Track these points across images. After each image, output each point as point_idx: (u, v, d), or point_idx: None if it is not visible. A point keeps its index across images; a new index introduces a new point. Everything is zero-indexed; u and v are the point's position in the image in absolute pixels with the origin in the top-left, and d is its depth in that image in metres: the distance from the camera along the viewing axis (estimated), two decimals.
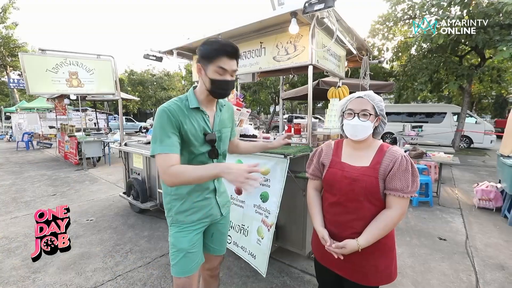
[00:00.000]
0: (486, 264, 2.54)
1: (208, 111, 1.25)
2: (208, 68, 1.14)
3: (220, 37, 2.62)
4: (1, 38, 17.79)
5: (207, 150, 1.23)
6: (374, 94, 1.19)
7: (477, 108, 19.32)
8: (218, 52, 1.11)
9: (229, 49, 1.12)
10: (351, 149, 1.23)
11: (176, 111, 1.13)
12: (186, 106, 1.18)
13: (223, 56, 1.11)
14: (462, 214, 3.79)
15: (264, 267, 1.96)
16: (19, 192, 4.80)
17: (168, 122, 1.11)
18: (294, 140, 2.43)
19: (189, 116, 1.18)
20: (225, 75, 1.15)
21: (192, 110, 1.19)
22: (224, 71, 1.13)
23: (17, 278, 2.29)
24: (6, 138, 14.62)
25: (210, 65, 1.13)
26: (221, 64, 1.12)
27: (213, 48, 1.11)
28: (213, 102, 1.28)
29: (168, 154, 1.07)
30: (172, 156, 1.08)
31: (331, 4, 1.62)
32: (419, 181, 1.12)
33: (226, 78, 1.15)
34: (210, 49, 1.12)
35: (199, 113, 1.21)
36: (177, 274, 1.23)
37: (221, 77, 1.14)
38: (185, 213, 1.25)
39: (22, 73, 3.38)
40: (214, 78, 1.14)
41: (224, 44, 1.12)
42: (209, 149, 1.23)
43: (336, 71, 2.75)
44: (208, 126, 1.23)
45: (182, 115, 1.15)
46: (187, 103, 1.19)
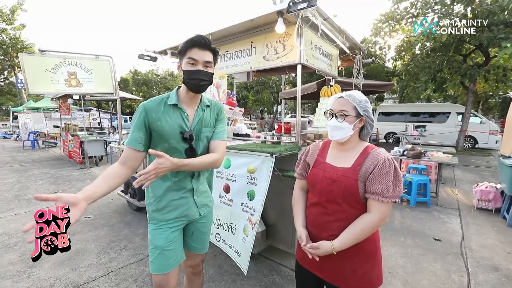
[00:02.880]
0: (480, 265, 2.51)
1: (189, 109, 1.26)
2: (182, 62, 1.20)
3: (211, 37, 2.65)
4: (9, 39, 18.18)
5: (185, 148, 1.24)
6: (357, 95, 1.14)
7: (483, 107, 18.95)
8: (188, 45, 1.17)
9: (197, 39, 1.16)
10: (336, 150, 1.21)
11: (151, 108, 1.19)
12: (165, 103, 1.22)
13: (193, 47, 1.16)
14: (460, 215, 3.74)
15: (246, 265, 1.98)
16: (22, 190, 4.91)
17: (138, 119, 1.19)
18: (284, 139, 2.44)
19: (167, 113, 1.21)
20: (197, 65, 1.18)
21: (170, 107, 1.22)
22: (195, 61, 1.17)
23: (13, 273, 2.36)
24: (14, 137, 14.96)
25: (183, 58, 1.19)
26: (191, 55, 1.17)
27: (185, 43, 1.18)
28: (196, 100, 1.29)
29: (127, 146, 1.20)
30: (128, 149, 1.19)
31: (313, 3, 1.63)
32: (402, 186, 1.08)
33: (198, 68, 1.18)
34: (183, 44, 1.19)
35: (177, 110, 1.23)
36: (153, 271, 1.25)
37: (193, 67, 1.18)
38: (161, 211, 1.27)
39: (22, 73, 3.46)
40: (185, 69, 1.18)
41: (194, 37, 1.17)
42: (187, 147, 1.25)
43: (328, 70, 2.74)
44: (186, 124, 1.24)
45: (157, 112, 1.19)
46: (167, 100, 1.23)
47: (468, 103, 9.45)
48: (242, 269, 2.03)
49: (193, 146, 1.26)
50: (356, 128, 1.14)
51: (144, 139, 1.19)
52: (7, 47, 18.11)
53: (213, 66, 1.24)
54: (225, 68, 2.89)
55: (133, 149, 1.18)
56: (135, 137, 1.18)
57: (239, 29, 2.49)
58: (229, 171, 2.31)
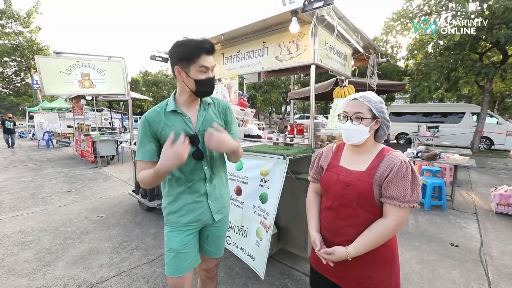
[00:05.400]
0: (501, 274, 2.40)
1: (190, 112, 1.24)
2: (189, 69, 1.13)
3: (223, 37, 2.63)
4: (26, 42, 18.77)
5: (192, 151, 1.21)
6: (372, 96, 1.11)
7: (499, 107, 18.29)
8: (197, 52, 1.10)
9: (207, 45, 1.12)
10: (351, 153, 1.18)
11: (152, 119, 1.18)
12: (165, 111, 1.20)
13: (202, 54, 1.11)
14: (477, 219, 3.60)
15: (263, 269, 1.94)
16: (37, 189, 5.04)
17: (144, 132, 1.19)
18: (297, 141, 2.40)
19: (167, 121, 1.19)
20: (208, 72, 1.15)
21: (170, 113, 1.20)
22: (206, 69, 1.14)
23: (29, 271, 2.41)
24: (29, 137, 15.44)
25: (191, 66, 1.12)
26: (202, 63, 1.12)
27: (191, 48, 1.10)
28: (195, 102, 1.26)
29: (141, 161, 1.19)
30: (143, 163, 1.18)
31: (330, 1, 1.58)
32: (420, 190, 1.04)
33: (210, 76, 1.16)
34: (189, 50, 1.11)
35: (178, 115, 1.21)
36: (168, 273, 1.25)
37: (205, 75, 1.14)
38: (176, 214, 1.26)
39: (38, 75, 3.54)
40: (198, 78, 1.14)
41: (201, 42, 1.11)
42: (194, 150, 1.22)
43: (341, 70, 2.68)
44: (190, 127, 1.21)
45: (159, 121, 1.18)
46: (166, 107, 1.21)
47: (484, 103, 9.13)
48: (258, 273, 2.00)
49: (200, 148, 1.23)
50: (372, 131, 1.11)
51: (156, 150, 1.19)
52: (23, 49, 18.70)
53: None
54: (237, 68, 2.87)
55: (150, 161, 1.17)
56: (148, 150, 1.18)
57: (251, 29, 2.47)
58: (240, 173, 2.29)
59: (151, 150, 1.18)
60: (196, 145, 1.21)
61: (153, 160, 1.17)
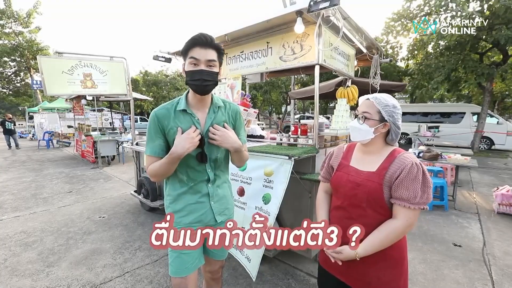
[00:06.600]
0: (505, 274, 2.40)
1: (199, 113, 1.23)
2: (185, 63, 1.16)
3: (227, 37, 2.63)
4: (26, 42, 18.73)
5: (196, 153, 1.21)
6: (384, 98, 1.10)
7: (499, 107, 18.32)
8: (189, 44, 1.12)
9: (198, 37, 1.11)
10: (361, 153, 1.19)
11: (162, 116, 1.18)
12: (175, 109, 1.20)
13: (194, 46, 1.11)
14: (479, 219, 3.61)
15: (255, 271, 1.94)
16: (39, 189, 5.03)
17: (153, 127, 1.19)
18: (301, 141, 2.40)
19: (177, 119, 1.18)
20: (199, 65, 1.12)
21: (180, 112, 1.19)
22: (197, 61, 1.12)
23: (32, 271, 2.40)
24: (29, 137, 15.41)
25: (186, 59, 1.15)
26: (193, 55, 1.12)
27: (187, 42, 1.13)
28: (206, 103, 1.25)
29: (150, 156, 1.20)
30: (153, 158, 1.19)
31: (336, 2, 1.58)
32: (431, 192, 1.03)
33: (199, 68, 1.12)
34: (185, 44, 1.14)
35: (187, 115, 1.20)
36: (172, 273, 1.25)
37: (195, 67, 1.13)
38: (177, 214, 1.26)
39: (40, 75, 3.53)
40: (188, 69, 1.14)
41: (195, 35, 1.12)
42: (199, 152, 1.21)
43: (345, 71, 2.69)
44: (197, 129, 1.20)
45: (168, 118, 1.18)
46: (177, 105, 1.21)
47: (485, 103, 9.15)
48: (251, 275, 1.99)
49: (204, 151, 1.22)
50: (378, 133, 1.11)
51: (165, 146, 1.20)
52: (23, 49, 18.66)
53: (218, 65, 1.17)
54: (240, 69, 2.86)
55: (159, 158, 1.18)
56: (158, 145, 1.19)
57: (255, 29, 2.47)
58: (244, 174, 2.29)
59: (160, 145, 1.19)
60: (202, 147, 1.21)
61: (162, 156, 1.18)
